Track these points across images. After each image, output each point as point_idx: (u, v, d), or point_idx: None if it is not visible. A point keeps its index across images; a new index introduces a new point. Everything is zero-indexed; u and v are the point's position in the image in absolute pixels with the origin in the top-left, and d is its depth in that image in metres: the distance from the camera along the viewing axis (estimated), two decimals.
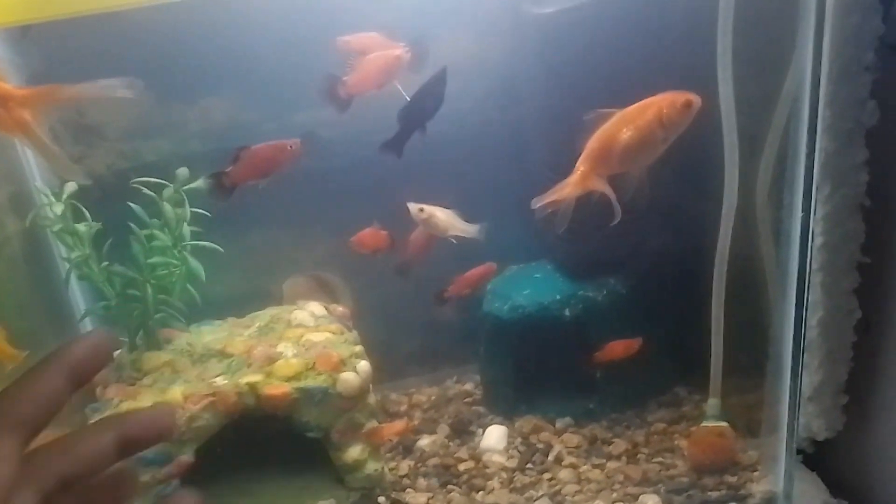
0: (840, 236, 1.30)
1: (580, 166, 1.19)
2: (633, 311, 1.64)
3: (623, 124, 1.15)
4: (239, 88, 1.63)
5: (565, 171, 1.21)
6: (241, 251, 1.75)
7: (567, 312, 1.63)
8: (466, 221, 1.53)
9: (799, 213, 1.23)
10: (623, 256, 1.64)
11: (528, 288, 1.68)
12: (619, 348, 1.57)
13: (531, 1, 1.50)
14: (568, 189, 1.19)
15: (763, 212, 1.35)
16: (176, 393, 1.48)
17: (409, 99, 1.30)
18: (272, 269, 1.79)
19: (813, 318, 1.37)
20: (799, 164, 1.20)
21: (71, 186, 1.50)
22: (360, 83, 1.30)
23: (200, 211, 1.57)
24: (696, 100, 1.10)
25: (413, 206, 1.49)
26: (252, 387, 1.48)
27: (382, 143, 1.35)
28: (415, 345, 1.92)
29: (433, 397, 1.86)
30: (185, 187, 1.53)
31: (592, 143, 1.17)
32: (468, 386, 1.87)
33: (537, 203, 1.21)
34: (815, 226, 1.28)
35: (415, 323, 1.91)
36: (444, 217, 1.50)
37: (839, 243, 1.30)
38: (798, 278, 1.29)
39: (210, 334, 1.66)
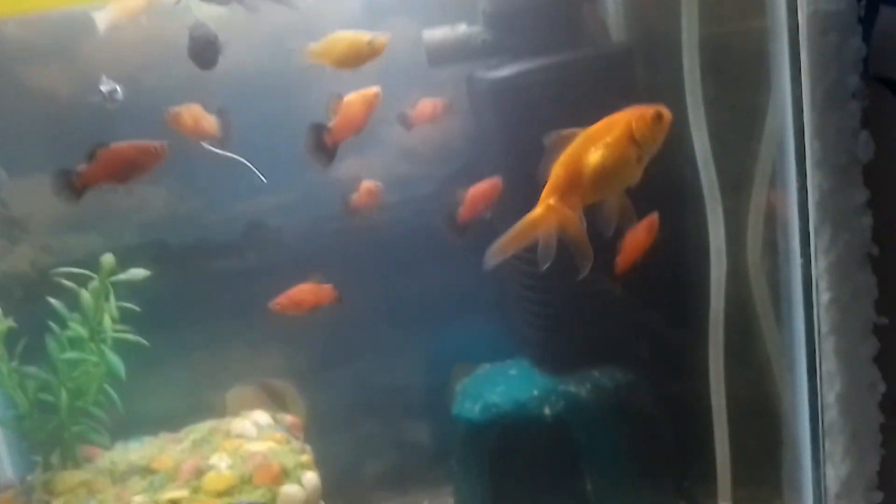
0: (849, 292, 1.12)
1: (546, 198, 1.00)
2: (621, 407, 1.43)
3: (590, 143, 0.98)
4: (180, 178, 1.51)
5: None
6: (181, 358, 1.57)
7: (547, 410, 1.42)
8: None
9: (798, 262, 1.06)
10: (606, 344, 1.46)
11: (503, 385, 1.48)
12: (639, 237, 1.25)
13: (483, 68, 1.42)
14: (531, 223, 1.00)
15: (757, 267, 1.18)
16: None
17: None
18: (215, 378, 1.59)
19: (830, 394, 1.17)
20: (791, 204, 1.05)
21: None
22: (345, 128, 1.21)
23: (130, 306, 1.40)
24: (665, 112, 0.96)
25: None
26: None
27: None
28: (382, 464, 1.69)
29: None
30: (111, 278, 1.38)
31: (557, 170, 1.00)
32: None
33: (493, 254, 1.02)
34: (820, 279, 1.11)
35: (382, 439, 1.70)
36: None
37: (850, 300, 1.12)
38: (807, 343, 1.10)
39: (137, 451, 1.44)
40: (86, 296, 1.33)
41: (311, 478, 1.32)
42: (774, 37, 1.03)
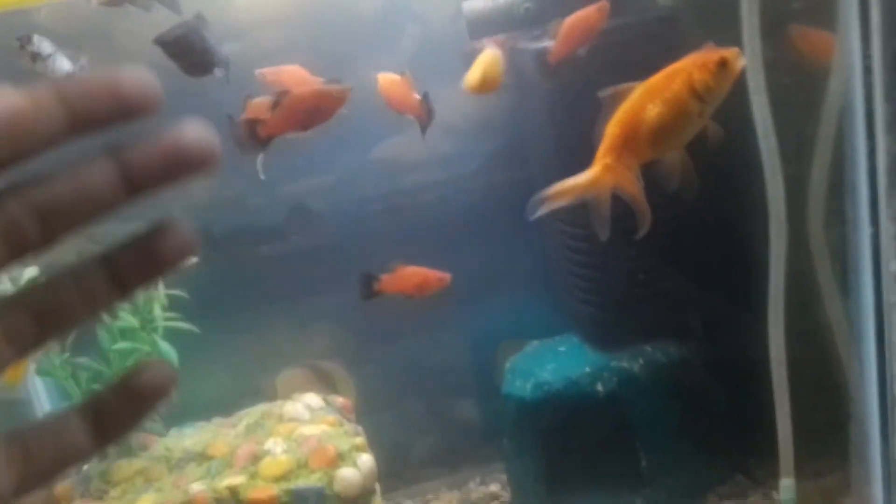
0: None
1: (602, 157, 0.95)
2: (676, 382, 1.40)
3: (648, 99, 0.92)
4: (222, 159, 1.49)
5: None
6: (230, 343, 1.56)
7: (600, 387, 1.40)
8: None
9: (867, 230, 1.02)
10: (659, 319, 1.42)
11: (553, 363, 1.46)
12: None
13: (526, 40, 1.37)
14: (587, 184, 0.95)
15: (819, 238, 1.14)
16: (146, 503, 1.26)
17: None
18: (265, 361, 1.59)
19: None
20: (859, 170, 1.00)
21: (30, 271, 1.34)
22: (282, 123, 1.13)
23: (178, 294, 1.40)
24: (732, 57, 0.89)
25: None
26: (233, 491, 1.26)
27: None
28: (431, 443, 1.68)
29: (454, 502, 1.60)
30: None
31: (612, 129, 0.94)
32: (494, 487, 1.61)
33: (537, 203, 0.97)
34: (889, 246, 1.06)
35: (431, 417, 1.69)
36: None
37: None
38: (875, 313, 1.06)
39: (191, 437, 1.45)
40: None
41: (366, 460, 1.31)
42: None
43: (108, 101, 0.36)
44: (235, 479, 1.27)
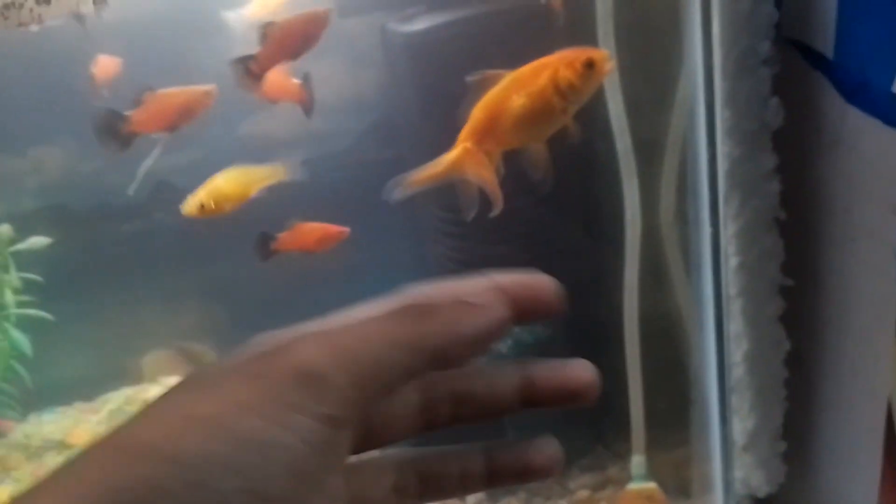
0: (756, 255, 1.14)
1: (462, 140, 0.97)
2: (533, 356, 1.45)
3: (514, 89, 0.94)
4: (76, 134, 1.43)
5: None
6: (92, 325, 1.52)
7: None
8: None
9: (707, 230, 1.07)
10: None
11: None
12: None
13: (397, 20, 1.35)
14: (446, 166, 0.97)
15: (669, 231, 1.19)
16: (3, 494, 1.23)
17: None
18: (130, 343, 1.55)
19: (738, 353, 1.20)
20: (701, 172, 1.05)
21: None
22: (148, 122, 1.10)
23: (33, 277, 1.35)
24: (599, 58, 0.91)
25: None
26: None
27: None
28: None
29: None
30: (10, 249, 1.31)
31: (477, 113, 0.96)
32: None
33: (399, 186, 0.98)
34: (728, 244, 1.12)
35: None
36: None
37: (756, 264, 1.14)
38: (714, 306, 1.12)
39: (51, 424, 1.41)
40: None
41: None
42: (686, 3, 1.00)
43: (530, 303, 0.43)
44: None
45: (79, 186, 1.44)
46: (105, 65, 1.18)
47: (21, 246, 1.31)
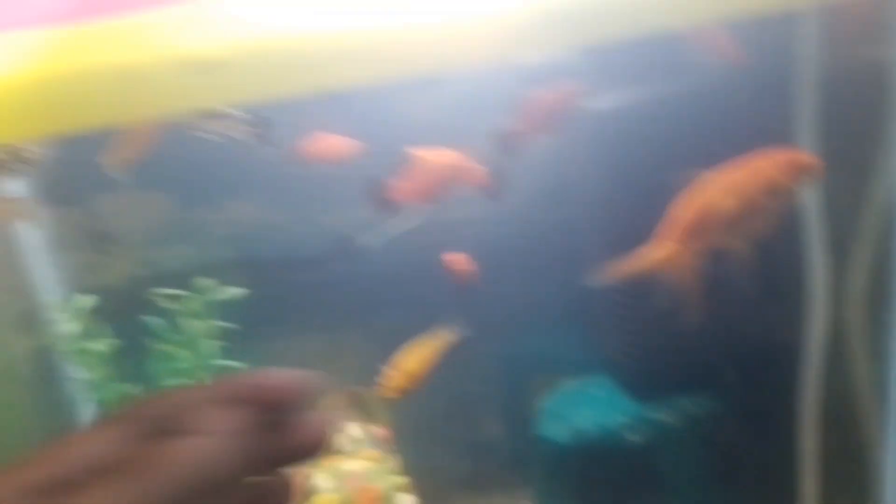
0: None
1: (667, 237, 0.97)
2: (710, 438, 1.46)
3: (723, 191, 0.94)
4: (265, 191, 1.50)
5: None
6: (268, 364, 1.59)
7: (634, 438, 1.45)
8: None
9: None
10: (695, 373, 1.47)
11: (589, 408, 1.50)
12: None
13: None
14: (652, 263, 0.98)
15: (857, 329, 1.18)
16: None
17: None
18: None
19: None
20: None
21: (85, 301, 1.35)
22: (412, 192, 1.16)
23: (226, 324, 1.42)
24: (813, 164, 0.92)
25: None
26: None
27: None
28: (459, 467, 1.74)
29: None
30: (209, 299, 1.39)
31: (684, 212, 0.96)
32: None
33: (602, 274, 1.01)
34: None
35: (458, 442, 1.74)
36: None
37: None
38: None
39: None
40: (195, 325, 1.34)
41: (407, 501, 1.36)
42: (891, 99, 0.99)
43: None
44: None
45: (264, 237, 1.52)
46: (325, 141, 1.24)
47: (219, 296, 1.39)
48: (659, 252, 0.99)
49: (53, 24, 0.75)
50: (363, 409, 1.64)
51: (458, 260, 1.37)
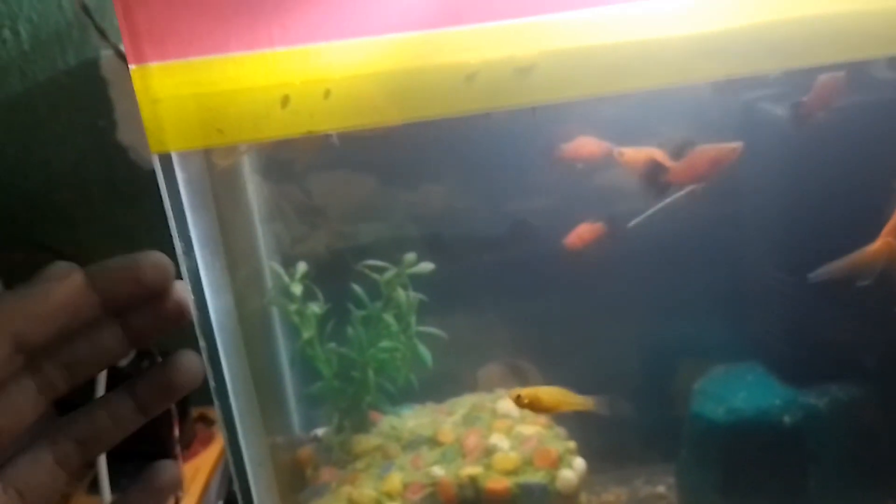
0: None
1: (888, 234, 1.11)
2: (855, 420, 1.57)
3: None
4: (456, 177, 1.65)
5: None
6: (440, 336, 1.74)
7: (787, 419, 1.57)
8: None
9: None
10: (845, 361, 1.58)
11: (744, 391, 1.63)
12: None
13: (769, 99, 1.49)
14: (867, 257, 1.12)
15: None
16: (395, 480, 1.46)
17: None
18: (469, 355, 1.77)
19: None
20: None
21: (303, 267, 1.52)
22: (684, 173, 1.30)
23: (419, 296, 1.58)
24: None
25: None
26: (473, 479, 1.45)
27: None
28: (602, 441, 1.87)
29: (623, 497, 1.80)
30: (409, 271, 1.55)
31: None
32: (660, 489, 1.80)
33: (822, 272, 1.14)
34: None
35: (604, 417, 1.87)
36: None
37: None
38: None
39: (412, 419, 1.64)
40: (401, 294, 1.50)
41: (580, 463, 1.50)
42: None
43: (131, 286, 0.46)
44: (474, 469, 1.46)
45: (452, 219, 1.67)
46: (581, 144, 1.39)
47: (413, 269, 1.55)
48: (876, 246, 1.12)
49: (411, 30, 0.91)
50: (520, 380, 1.78)
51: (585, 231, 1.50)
